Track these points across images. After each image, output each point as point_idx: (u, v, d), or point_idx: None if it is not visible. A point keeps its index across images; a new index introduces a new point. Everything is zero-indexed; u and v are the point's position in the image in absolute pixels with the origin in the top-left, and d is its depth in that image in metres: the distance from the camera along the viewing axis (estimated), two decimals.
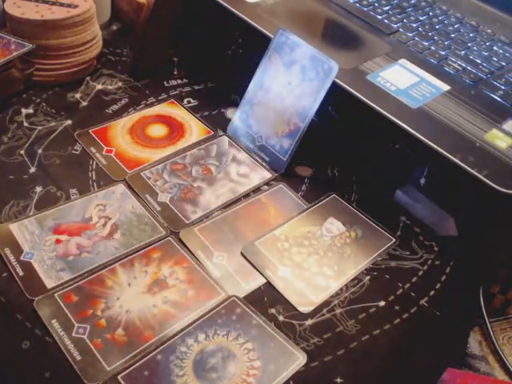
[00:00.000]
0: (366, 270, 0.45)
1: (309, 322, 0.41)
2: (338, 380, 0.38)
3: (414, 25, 0.61)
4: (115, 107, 0.60)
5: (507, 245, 0.47)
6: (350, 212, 0.50)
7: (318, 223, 0.48)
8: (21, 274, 0.41)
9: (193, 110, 0.60)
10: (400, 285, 0.44)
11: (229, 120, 0.58)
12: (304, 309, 0.42)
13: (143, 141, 0.55)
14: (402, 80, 0.51)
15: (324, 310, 0.42)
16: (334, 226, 0.49)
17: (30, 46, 0.57)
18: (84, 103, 0.60)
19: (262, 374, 0.37)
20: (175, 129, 0.57)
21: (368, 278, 0.44)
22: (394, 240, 0.48)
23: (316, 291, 0.43)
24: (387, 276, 0.45)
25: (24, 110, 0.57)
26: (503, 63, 0.57)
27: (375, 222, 0.49)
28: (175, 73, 0.66)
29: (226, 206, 0.49)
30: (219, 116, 0.60)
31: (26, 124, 0.56)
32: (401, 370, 0.39)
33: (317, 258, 0.45)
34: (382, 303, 0.43)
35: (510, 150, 0.45)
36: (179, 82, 0.65)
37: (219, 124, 0.58)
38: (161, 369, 0.37)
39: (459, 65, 0.55)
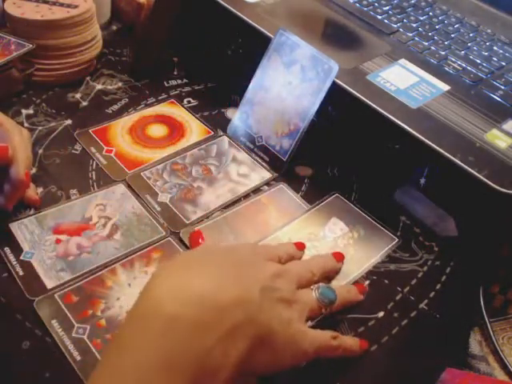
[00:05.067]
0: (365, 273, 0.45)
1: (308, 323, 0.41)
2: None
3: (414, 25, 0.61)
4: (115, 107, 0.60)
5: (507, 245, 0.47)
6: (352, 211, 0.50)
7: (320, 223, 0.48)
8: (21, 273, 0.41)
9: (193, 110, 0.60)
10: (399, 289, 0.44)
11: (229, 120, 0.58)
12: None
13: (143, 141, 0.55)
14: (402, 80, 0.51)
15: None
16: (337, 226, 0.48)
17: (30, 46, 0.57)
18: (84, 103, 0.60)
19: None
20: (175, 129, 0.57)
21: (367, 282, 0.44)
22: (396, 240, 0.48)
23: None
24: (386, 281, 0.45)
25: (24, 111, 0.57)
26: (503, 63, 0.57)
27: (378, 222, 0.49)
28: (175, 73, 0.66)
29: (226, 206, 0.49)
30: (219, 116, 0.60)
31: (26, 125, 0.56)
32: (401, 370, 0.39)
33: None
34: (381, 313, 0.42)
35: (509, 149, 0.45)
36: (179, 81, 0.65)
37: (219, 124, 0.58)
38: None
39: (459, 65, 0.55)
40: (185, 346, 0.27)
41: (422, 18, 0.62)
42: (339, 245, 0.47)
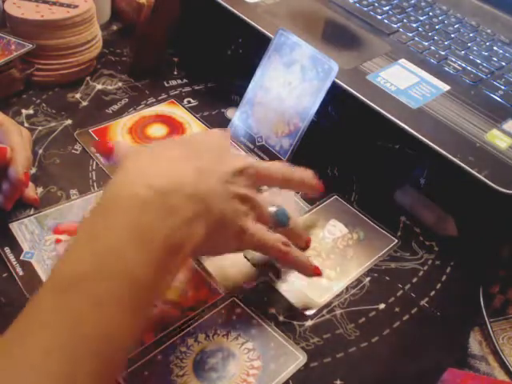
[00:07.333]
0: (366, 271, 0.45)
1: (309, 322, 0.41)
2: (338, 382, 0.37)
3: (414, 25, 0.61)
4: (115, 107, 0.60)
5: (507, 245, 0.47)
6: (351, 213, 0.50)
7: (320, 225, 0.48)
8: (21, 273, 0.41)
9: (193, 110, 0.60)
10: (400, 286, 0.44)
11: (229, 120, 0.58)
12: (307, 311, 0.42)
13: (143, 141, 0.55)
14: (402, 80, 0.51)
15: (324, 311, 0.42)
16: (337, 228, 0.48)
17: (30, 46, 0.57)
18: (84, 103, 0.60)
19: (262, 373, 0.37)
20: (175, 129, 0.57)
21: (368, 279, 0.44)
22: (396, 241, 0.48)
23: (319, 293, 0.43)
24: (387, 278, 0.45)
25: (24, 111, 0.57)
26: (503, 63, 0.57)
27: (377, 224, 0.49)
28: (175, 73, 0.66)
29: None
30: (219, 116, 0.60)
31: (26, 125, 0.56)
32: (401, 371, 0.39)
33: (319, 261, 0.45)
34: (382, 305, 0.43)
35: (509, 149, 0.45)
36: (179, 82, 0.65)
37: (219, 124, 0.58)
38: (161, 369, 0.37)
39: (459, 65, 0.55)
40: (154, 225, 0.31)
41: (422, 18, 0.62)
42: (339, 246, 0.47)
